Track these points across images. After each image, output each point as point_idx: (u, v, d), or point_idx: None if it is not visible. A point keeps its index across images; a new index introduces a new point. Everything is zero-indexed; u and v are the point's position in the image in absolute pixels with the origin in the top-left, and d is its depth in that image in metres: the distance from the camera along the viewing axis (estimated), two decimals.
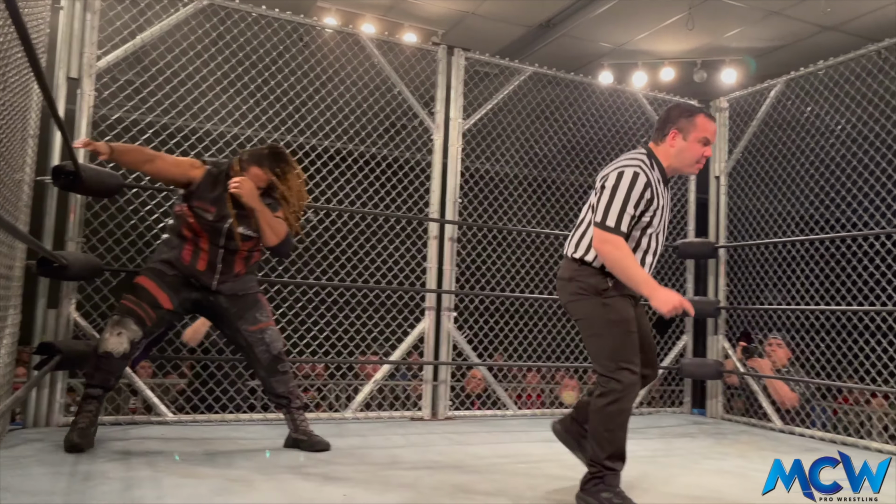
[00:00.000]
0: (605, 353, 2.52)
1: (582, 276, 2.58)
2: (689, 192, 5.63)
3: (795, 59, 5.61)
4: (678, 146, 2.59)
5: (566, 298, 2.67)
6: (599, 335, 2.55)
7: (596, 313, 2.54)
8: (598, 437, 2.55)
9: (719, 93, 5.84)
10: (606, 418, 2.52)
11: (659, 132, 2.64)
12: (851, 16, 5.36)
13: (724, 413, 5.31)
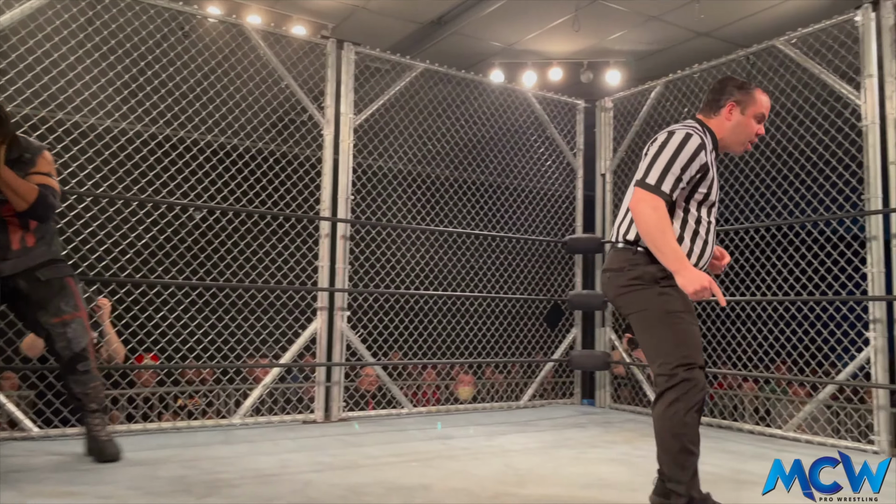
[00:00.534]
0: (666, 349, 2.23)
1: (636, 265, 2.29)
2: (577, 190, 5.80)
3: (674, 62, 5.88)
4: (735, 119, 2.37)
5: (616, 291, 2.36)
6: (657, 329, 2.25)
7: (653, 305, 2.25)
8: (671, 448, 2.23)
9: (605, 93, 6.05)
10: (671, 421, 2.21)
11: (712, 104, 2.41)
12: (723, 23, 5.68)
13: (613, 402, 5.50)
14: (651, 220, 2.19)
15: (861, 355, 3.88)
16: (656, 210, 2.20)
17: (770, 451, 3.82)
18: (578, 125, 5.89)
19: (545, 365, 5.59)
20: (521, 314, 5.67)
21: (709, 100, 2.44)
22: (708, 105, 2.43)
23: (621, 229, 2.39)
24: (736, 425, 4.55)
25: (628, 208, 2.36)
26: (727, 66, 4.87)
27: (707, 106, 2.44)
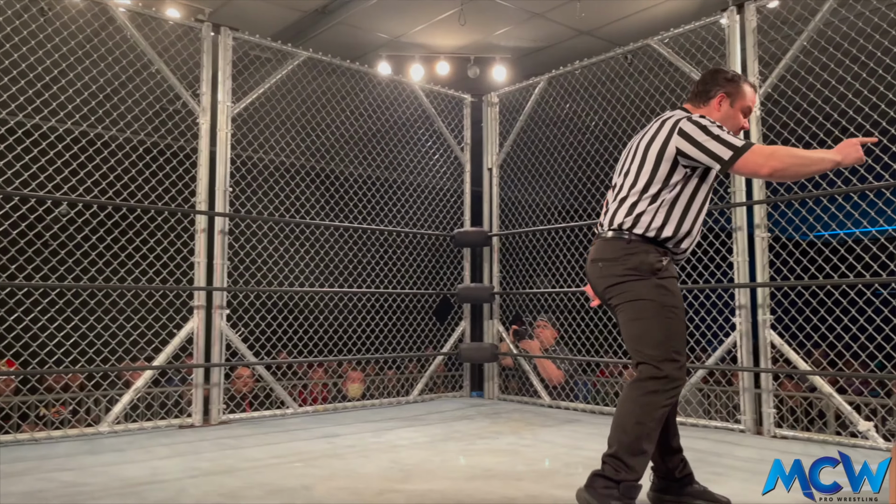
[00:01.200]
0: (654, 341, 2.22)
1: (632, 254, 2.26)
2: (465, 184, 5.82)
3: (557, 59, 6.01)
4: (724, 111, 2.37)
5: (610, 281, 2.31)
6: (649, 320, 2.23)
7: (650, 296, 2.23)
8: (626, 427, 2.21)
9: (491, 88, 6.10)
10: (641, 409, 2.20)
11: (701, 95, 2.41)
12: (602, 22, 5.85)
13: (501, 394, 5.57)
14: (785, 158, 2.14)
15: (728, 340, 4.09)
16: (774, 150, 2.16)
17: None
18: (466, 120, 5.92)
19: (435, 359, 5.58)
20: (411, 309, 5.63)
21: (698, 90, 2.43)
22: (697, 95, 2.43)
23: (615, 219, 2.35)
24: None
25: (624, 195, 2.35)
26: (606, 63, 5.02)
27: (696, 96, 2.43)
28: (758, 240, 4.00)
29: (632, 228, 2.29)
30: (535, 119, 5.52)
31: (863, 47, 3.77)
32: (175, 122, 4.41)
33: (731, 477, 2.93)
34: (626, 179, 2.38)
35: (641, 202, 2.30)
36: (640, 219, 2.29)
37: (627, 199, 2.34)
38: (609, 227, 2.36)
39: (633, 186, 2.34)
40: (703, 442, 3.74)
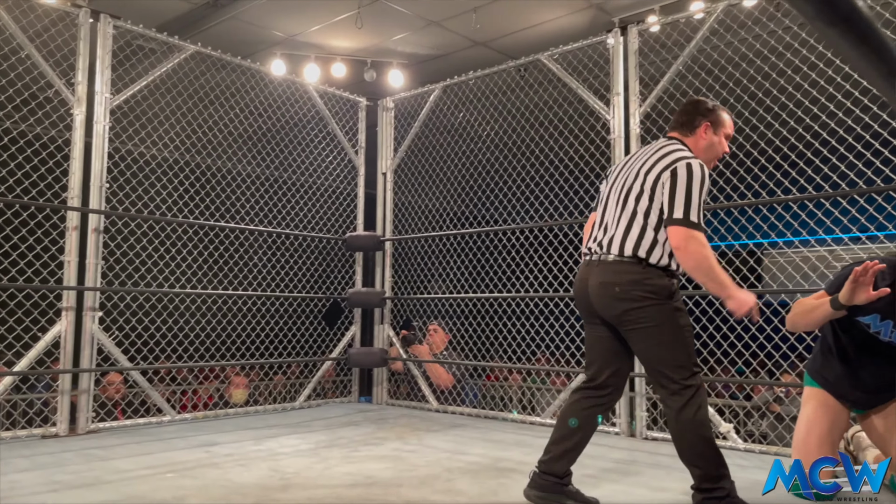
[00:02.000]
0: (681, 361, 2.36)
1: (648, 280, 2.36)
2: (359, 188, 5.79)
3: (452, 68, 6.08)
4: (709, 139, 2.53)
5: (629, 305, 2.37)
6: (673, 342, 2.36)
7: (669, 319, 2.36)
8: (700, 450, 2.36)
9: (387, 93, 6.10)
10: (701, 426, 2.35)
11: (687, 124, 2.55)
12: (497, 34, 5.99)
13: (389, 399, 5.56)
14: (705, 256, 2.28)
15: None
16: (705, 246, 2.30)
17: (529, 438, 4.07)
18: (361, 123, 5.88)
19: (323, 364, 5.50)
20: (299, 313, 5.53)
21: (683, 120, 2.56)
22: (683, 125, 2.56)
23: (627, 245, 2.40)
24: (501, 415, 4.80)
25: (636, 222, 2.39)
26: (500, 75, 5.13)
27: (682, 125, 2.56)
28: None
29: (647, 257, 2.38)
30: (430, 126, 5.57)
31: (731, 74, 4.04)
32: (46, 112, 4.13)
33: (604, 479, 3.06)
34: (626, 204, 2.45)
35: (648, 230, 2.39)
36: (653, 249, 2.38)
37: (634, 226, 2.41)
38: (620, 252, 2.41)
39: (635, 212, 2.42)
40: None
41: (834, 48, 0.59)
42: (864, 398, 2.77)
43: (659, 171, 2.39)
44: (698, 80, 4.10)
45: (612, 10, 5.43)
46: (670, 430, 2.46)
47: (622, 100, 4.31)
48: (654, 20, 4.46)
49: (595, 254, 2.50)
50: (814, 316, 2.60)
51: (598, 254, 2.49)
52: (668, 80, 4.14)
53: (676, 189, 2.32)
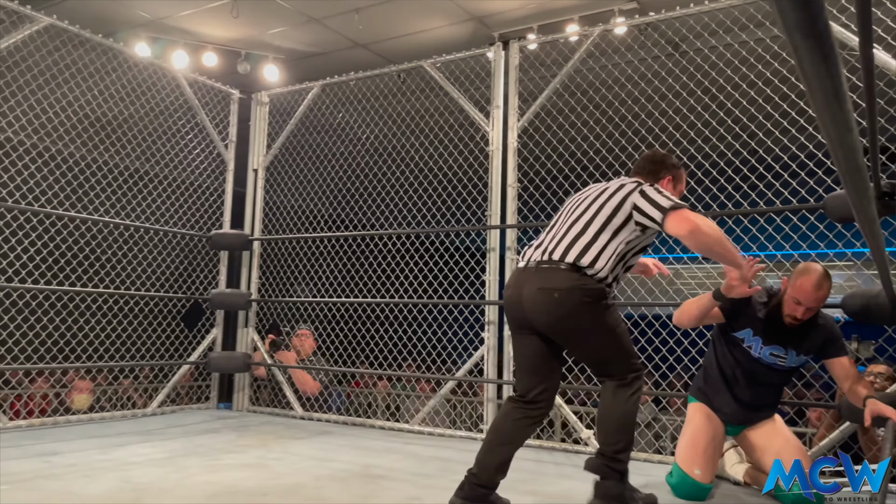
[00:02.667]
0: (624, 353, 2.51)
1: (587, 285, 2.43)
2: (227, 183, 5.52)
3: (331, 68, 5.97)
4: (669, 191, 2.62)
5: (567, 310, 2.42)
6: (613, 339, 2.49)
7: (606, 319, 2.47)
8: (623, 427, 2.48)
9: (262, 87, 5.88)
10: (633, 411, 2.50)
11: (652, 174, 2.69)
12: (379, 38, 5.95)
13: (251, 405, 5.33)
14: (712, 229, 2.36)
15: (477, 353, 4.34)
16: (706, 220, 2.38)
17: (398, 445, 4.04)
18: (232, 116, 5.62)
19: (179, 368, 5.18)
20: (156, 313, 5.18)
21: (650, 169, 2.72)
22: (649, 173, 2.70)
23: (569, 254, 2.45)
24: (369, 422, 4.74)
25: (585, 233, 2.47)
26: (381, 78, 5.10)
27: (648, 173, 2.70)
28: (508, 261, 4.30)
29: (590, 264, 2.44)
30: (307, 124, 5.43)
31: (604, 96, 4.25)
32: None
33: None
34: (579, 219, 2.53)
35: (596, 245, 2.46)
36: (595, 262, 2.44)
37: (580, 241, 2.48)
38: (561, 259, 2.46)
39: (585, 230, 2.49)
40: (449, 451, 3.90)
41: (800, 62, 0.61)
42: (739, 413, 3.05)
43: (626, 192, 2.50)
44: (574, 100, 4.27)
45: (493, 25, 5.56)
46: (603, 407, 2.53)
47: (501, 112, 4.41)
48: (533, 38, 4.61)
49: (533, 261, 2.53)
50: (696, 307, 2.90)
51: (536, 261, 2.52)
52: (545, 96, 4.28)
53: (651, 196, 2.44)
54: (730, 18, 3.80)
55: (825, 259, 3.41)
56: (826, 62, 0.62)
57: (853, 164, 0.99)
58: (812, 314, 2.85)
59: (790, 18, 0.54)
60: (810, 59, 0.61)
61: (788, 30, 0.56)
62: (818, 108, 0.77)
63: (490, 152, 4.42)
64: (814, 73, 0.65)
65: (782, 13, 0.55)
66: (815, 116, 0.85)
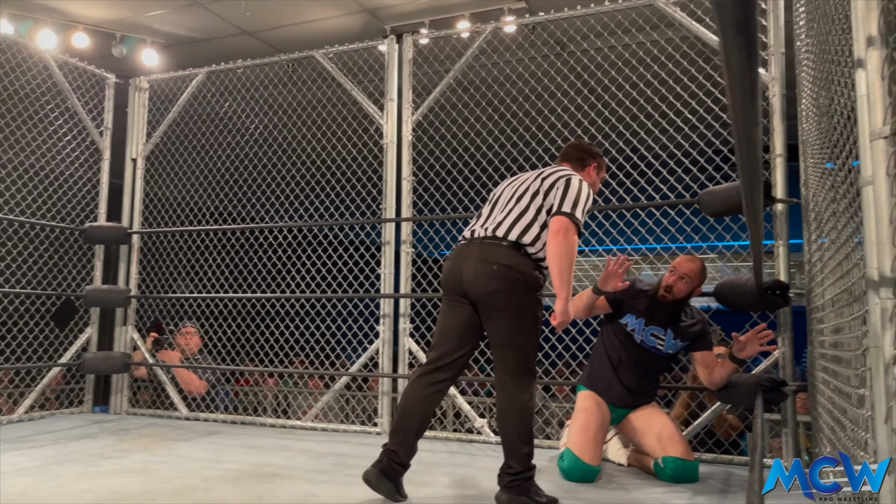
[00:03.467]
0: (531, 352, 2.52)
1: (524, 267, 2.49)
2: (103, 173, 5.18)
3: (216, 55, 5.74)
4: (594, 178, 2.85)
5: (500, 285, 2.48)
6: (530, 333, 2.50)
7: (532, 310, 2.49)
8: (523, 434, 2.49)
9: (140, 72, 5.57)
10: (532, 414, 2.52)
11: (579, 161, 2.84)
12: (267, 26, 5.78)
13: (130, 407, 5.04)
14: (570, 247, 2.44)
15: (371, 347, 4.32)
16: (576, 241, 2.48)
17: (291, 442, 3.96)
18: (108, 102, 5.28)
19: (49, 371, 4.82)
20: (21, 312, 4.79)
21: (577, 156, 2.86)
22: (576, 160, 2.85)
23: (512, 231, 2.54)
24: (259, 420, 4.61)
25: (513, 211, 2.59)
26: (270, 67, 4.96)
27: (575, 160, 2.85)
28: (403, 254, 4.30)
29: (528, 245, 2.53)
30: (191, 112, 5.19)
31: (496, 92, 4.34)
32: None
33: None
34: (519, 200, 2.63)
35: (535, 225, 2.56)
36: (535, 242, 2.55)
37: (523, 218, 2.57)
38: (504, 236, 2.55)
39: (527, 207, 2.60)
40: (344, 445, 3.86)
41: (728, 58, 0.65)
42: (625, 396, 3.26)
43: (555, 178, 2.63)
44: (467, 95, 4.34)
45: (385, 18, 5.53)
46: (501, 413, 2.57)
47: (396, 106, 4.40)
48: (425, 32, 4.63)
49: (477, 237, 2.62)
50: (582, 301, 3.09)
51: (480, 237, 2.61)
52: (439, 91, 4.31)
53: (568, 191, 2.57)
54: (613, 22, 3.98)
55: (699, 251, 3.66)
56: (751, 59, 0.67)
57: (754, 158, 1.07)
58: (685, 291, 3.11)
59: (727, 16, 0.58)
60: (739, 55, 0.66)
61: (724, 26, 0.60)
62: (734, 103, 0.83)
63: (384, 145, 4.40)
64: (739, 69, 0.70)
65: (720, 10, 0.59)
66: (730, 111, 0.91)
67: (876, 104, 1.28)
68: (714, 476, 3.21)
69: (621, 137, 3.94)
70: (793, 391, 3.29)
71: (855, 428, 1.67)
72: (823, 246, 2.53)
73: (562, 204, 2.53)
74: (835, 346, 2.13)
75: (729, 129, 2.85)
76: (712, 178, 3.64)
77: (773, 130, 3.47)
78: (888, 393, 1.24)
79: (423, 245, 4.82)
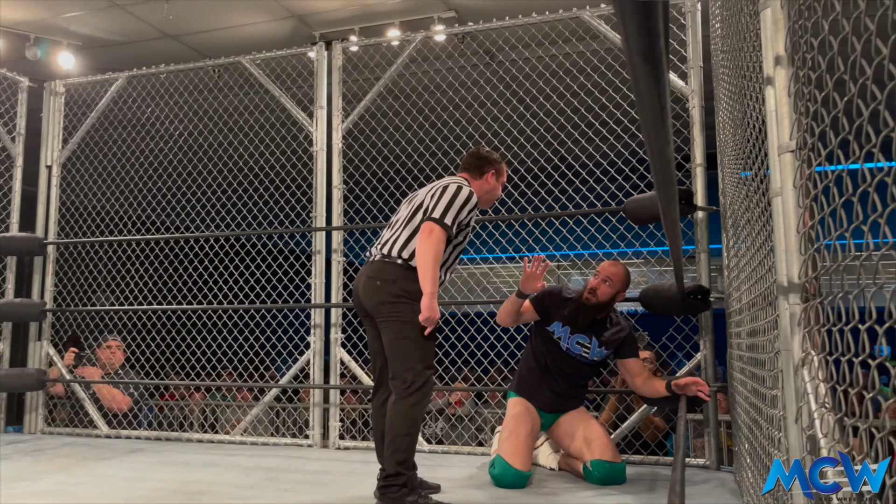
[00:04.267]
0: (418, 356, 2.61)
1: (407, 281, 2.63)
2: (15, 181, 4.94)
3: (137, 59, 5.55)
4: (492, 184, 2.91)
5: (384, 298, 2.65)
6: (413, 339, 2.60)
7: (414, 318, 2.58)
8: (401, 440, 2.57)
9: (55, 75, 5.33)
10: (413, 421, 2.60)
11: (476, 170, 2.91)
12: (192, 30, 5.62)
13: (46, 426, 4.80)
14: (435, 249, 2.57)
15: (303, 358, 4.25)
16: (440, 242, 2.60)
17: (219, 457, 3.85)
18: (20, 106, 5.03)
19: None
20: None
21: (475, 165, 2.93)
22: (474, 169, 2.92)
23: (395, 247, 2.70)
24: (185, 436, 4.47)
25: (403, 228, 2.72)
26: (195, 72, 4.83)
27: (472, 169, 2.92)
28: (335, 263, 4.26)
29: (407, 259, 2.67)
30: (111, 118, 5.00)
31: (427, 101, 4.35)
32: None
33: (301, 492, 3.02)
34: (410, 219, 2.75)
35: (415, 239, 2.67)
36: (408, 251, 2.68)
37: (403, 234, 2.72)
38: (388, 255, 2.71)
39: (407, 224, 2.74)
40: (274, 459, 3.78)
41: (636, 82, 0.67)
42: (553, 401, 3.31)
43: (437, 189, 2.75)
44: (398, 103, 4.33)
45: (314, 25, 5.48)
46: (388, 418, 2.64)
47: (325, 113, 4.36)
48: (355, 39, 4.61)
49: (373, 256, 2.78)
50: (508, 307, 3.21)
51: (373, 257, 2.78)
52: (370, 99, 4.30)
53: (442, 198, 2.70)
54: (541, 33, 4.06)
55: (625, 257, 3.76)
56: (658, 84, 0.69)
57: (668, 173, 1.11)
58: (609, 294, 3.18)
59: (634, 44, 0.60)
60: (647, 79, 0.68)
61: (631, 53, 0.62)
62: (646, 122, 0.86)
63: (314, 153, 4.35)
64: (647, 92, 0.73)
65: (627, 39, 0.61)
66: (642, 129, 0.94)
67: (783, 120, 1.35)
68: (641, 477, 3.30)
69: (549, 147, 4.02)
70: (714, 392, 3.41)
71: (769, 427, 1.74)
72: (740, 252, 2.64)
73: (433, 210, 2.66)
74: (751, 348, 2.22)
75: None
76: (637, 187, 3.75)
77: (693, 141, 3.61)
78: (797, 394, 1.30)
79: (354, 254, 4.78)
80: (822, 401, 1.21)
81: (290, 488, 3.05)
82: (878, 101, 0.88)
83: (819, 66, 1.14)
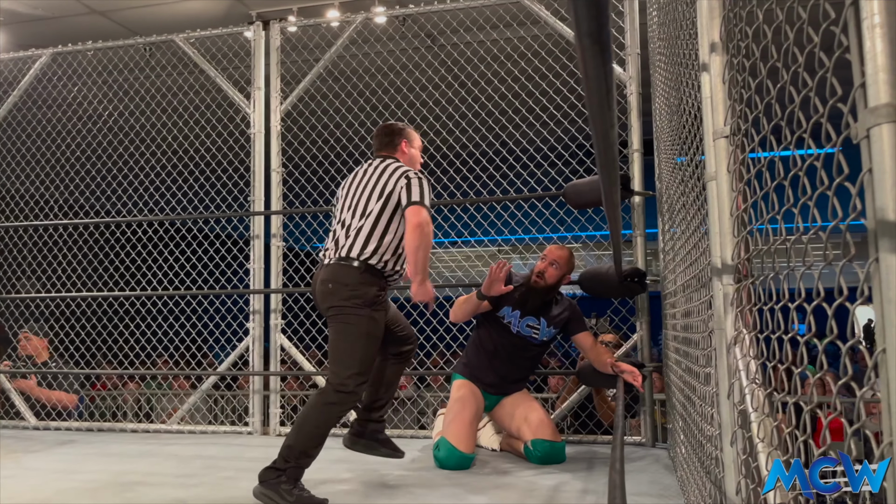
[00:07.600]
0: (352, 362, 2.54)
1: (361, 285, 2.57)
2: None
3: (63, 35, 5.30)
4: (410, 153, 2.87)
5: (334, 301, 2.58)
6: (354, 344, 2.55)
7: (362, 325, 2.56)
8: (305, 432, 2.50)
9: None
10: (325, 418, 2.52)
11: (389, 145, 2.85)
12: (120, 6, 5.40)
13: None
14: (428, 238, 2.56)
15: (241, 345, 4.18)
16: (431, 231, 2.59)
17: (155, 447, 3.76)
18: None
19: None
20: None
21: (386, 142, 2.87)
22: (387, 145, 2.86)
23: (354, 248, 2.60)
24: (119, 426, 4.34)
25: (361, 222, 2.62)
26: (125, 50, 4.64)
27: (387, 146, 2.86)
28: (273, 248, 4.19)
29: (364, 259, 2.60)
30: (34, 97, 4.77)
31: (367, 83, 4.31)
32: None
33: (242, 479, 2.97)
34: (354, 215, 2.68)
35: (375, 234, 2.61)
36: (375, 253, 2.61)
37: (360, 233, 2.63)
38: (341, 256, 2.62)
39: (361, 221, 2.64)
40: (213, 447, 3.72)
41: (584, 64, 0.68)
42: (499, 384, 3.36)
43: (396, 179, 2.67)
44: (338, 85, 4.27)
45: (251, 4, 5.33)
46: (307, 403, 2.61)
47: (263, 95, 4.27)
48: (293, 20, 4.51)
49: (330, 258, 2.69)
50: (466, 306, 3.23)
51: (331, 258, 2.68)
52: (309, 80, 4.22)
53: (413, 187, 2.64)
54: (482, 17, 4.06)
55: (565, 241, 3.82)
56: (605, 66, 0.70)
57: (611, 156, 1.13)
58: (556, 276, 3.25)
59: (583, 26, 0.61)
60: (594, 62, 0.69)
61: (580, 35, 0.62)
62: (592, 105, 0.87)
63: (252, 135, 4.26)
64: (594, 75, 0.73)
65: (577, 21, 0.61)
66: (588, 112, 0.95)
67: (718, 106, 1.38)
68: (580, 456, 3.38)
69: (490, 131, 4.03)
70: (650, 371, 3.51)
71: (703, 403, 1.80)
72: (675, 235, 2.72)
73: (410, 196, 2.62)
74: (685, 328, 2.30)
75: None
76: (576, 172, 3.81)
77: (631, 127, 3.69)
78: (730, 371, 1.35)
79: (294, 238, 4.71)
80: (752, 377, 1.26)
81: (230, 476, 3.00)
82: (809, 88, 0.91)
83: (753, 53, 1.18)
